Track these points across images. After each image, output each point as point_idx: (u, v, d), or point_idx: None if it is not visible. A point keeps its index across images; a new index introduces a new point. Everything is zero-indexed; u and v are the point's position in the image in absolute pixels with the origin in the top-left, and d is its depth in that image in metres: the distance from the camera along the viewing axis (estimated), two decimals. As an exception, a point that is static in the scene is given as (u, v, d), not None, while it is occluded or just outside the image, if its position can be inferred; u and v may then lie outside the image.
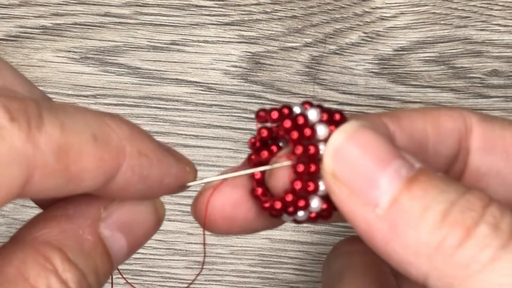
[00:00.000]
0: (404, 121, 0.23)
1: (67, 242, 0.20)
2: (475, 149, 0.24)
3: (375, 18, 0.38)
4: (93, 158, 0.18)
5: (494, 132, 0.24)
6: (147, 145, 0.20)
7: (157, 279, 0.37)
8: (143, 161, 0.19)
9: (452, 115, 0.24)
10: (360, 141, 0.20)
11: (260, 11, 0.38)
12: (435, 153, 0.23)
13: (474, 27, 0.38)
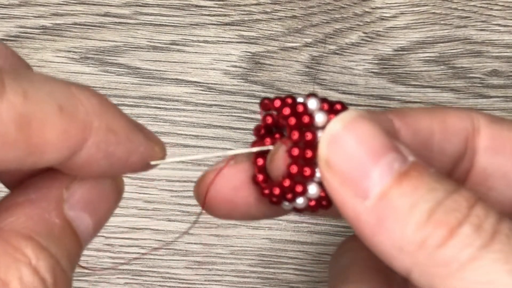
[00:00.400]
0: (410, 118, 0.23)
1: (36, 228, 0.19)
2: (482, 149, 0.24)
3: (375, 18, 0.38)
4: (57, 130, 0.17)
5: (502, 134, 0.24)
6: (116, 120, 0.19)
7: (157, 279, 0.37)
8: (110, 138, 0.18)
9: (459, 115, 0.24)
10: (356, 131, 0.20)
11: (260, 11, 0.38)
12: (441, 151, 0.23)
13: (474, 27, 0.38)
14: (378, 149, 0.19)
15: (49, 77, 0.18)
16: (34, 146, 0.17)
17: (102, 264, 0.37)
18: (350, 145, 0.19)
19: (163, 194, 0.37)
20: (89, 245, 0.37)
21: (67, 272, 0.20)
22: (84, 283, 0.37)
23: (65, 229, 0.20)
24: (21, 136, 0.17)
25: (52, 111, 0.17)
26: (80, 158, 0.18)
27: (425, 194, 0.19)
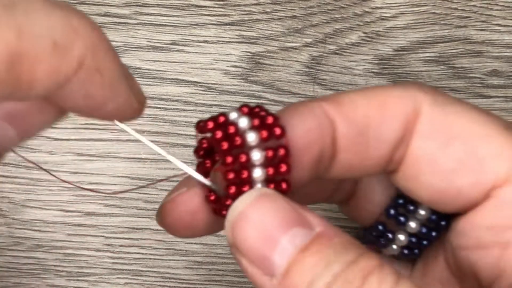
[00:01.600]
0: (346, 106, 0.23)
1: None
2: (417, 134, 0.23)
3: (375, 18, 0.38)
4: (48, 68, 0.16)
5: (442, 118, 0.23)
6: (107, 63, 0.18)
7: (157, 279, 0.37)
8: (96, 79, 0.18)
9: (401, 97, 0.23)
10: (256, 212, 0.20)
11: (260, 11, 0.38)
12: (377, 138, 0.23)
13: (474, 27, 0.38)
14: (280, 227, 0.20)
15: (49, 6, 0.17)
16: (22, 84, 0.16)
17: (102, 265, 0.37)
18: (252, 227, 0.20)
19: (163, 194, 0.37)
20: (89, 245, 0.37)
21: None
22: (85, 283, 0.37)
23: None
24: (10, 76, 0.16)
25: (46, 48, 0.16)
26: (59, 93, 0.17)
27: (323, 270, 0.19)
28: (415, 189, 0.24)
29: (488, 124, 0.23)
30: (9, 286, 0.37)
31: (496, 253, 0.23)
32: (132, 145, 0.37)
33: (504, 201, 0.23)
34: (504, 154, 0.23)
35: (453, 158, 0.23)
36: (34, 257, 0.37)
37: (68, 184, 0.37)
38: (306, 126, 0.23)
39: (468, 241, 0.23)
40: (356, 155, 0.23)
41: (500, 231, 0.23)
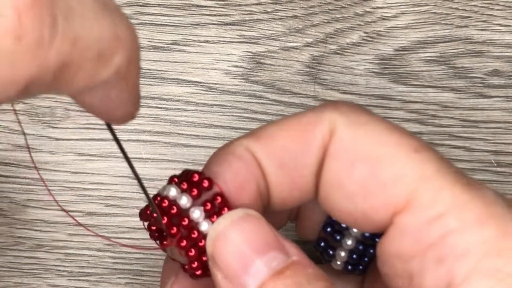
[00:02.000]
0: (264, 141, 0.23)
1: None
2: (328, 156, 0.23)
3: (376, 18, 0.38)
4: (87, 74, 0.17)
5: (351, 139, 0.23)
6: (135, 73, 0.18)
7: (158, 279, 0.37)
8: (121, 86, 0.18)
9: (316, 122, 0.23)
10: (241, 229, 0.21)
11: (261, 11, 0.38)
12: (299, 167, 0.23)
13: (475, 27, 0.38)
14: (259, 247, 0.20)
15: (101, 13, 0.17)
16: (59, 84, 0.16)
17: (103, 264, 0.37)
18: (232, 242, 0.21)
19: (164, 194, 0.37)
20: (90, 246, 0.37)
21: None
22: (86, 283, 0.37)
23: None
24: (54, 82, 0.16)
25: (92, 59, 0.16)
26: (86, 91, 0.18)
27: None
28: (331, 211, 0.24)
29: (397, 145, 0.22)
30: (10, 286, 0.37)
31: (405, 284, 0.22)
32: (133, 145, 0.37)
33: (404, 228, 0.22)
34: (406, 177, 0.22)
35: (357, 181, 0.22)
36: (35, 257, 0.37)
37: (68, 184, 0.37)
38: (234, 170, 0.23)
39: (386, 269, 0.22)
40: (283, 186, 0.24)
41: (405, 260, 0.22)
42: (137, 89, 0.19)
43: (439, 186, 0.21)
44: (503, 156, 0.37)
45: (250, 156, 0.23)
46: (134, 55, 0.18)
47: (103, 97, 0.18)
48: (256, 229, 0.21)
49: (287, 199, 0.24)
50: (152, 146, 0.37)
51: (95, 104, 0.19)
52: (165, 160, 0.37)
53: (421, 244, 0.21)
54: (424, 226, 0.21)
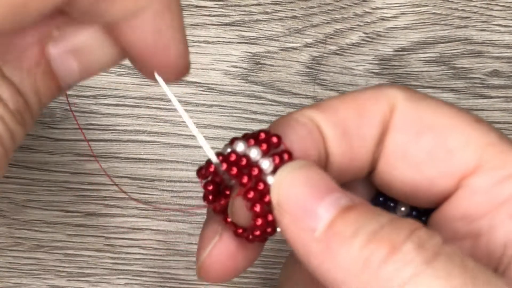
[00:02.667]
0: (327, 112, 0.24)
1: (6, 56, 0.19)
2: (391, 128, 0.24)
3: (376, 18, 0.38)
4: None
5: (414, 112, 0.24)
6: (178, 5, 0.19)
7: (157, 279, 0.37)
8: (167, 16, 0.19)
9: (377, 97, 0.24)
10: (304, 175, 0.21)
11: (261, 12, 0.38)
12: (360, 138, 0.24)
13: (475, 28, 0.38)
14: (324, 188, 0.21)
15: None
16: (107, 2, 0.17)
17: (103, 265, 0.37)
18: (298, 187, 0.21)
19: (163, 195, 0.37)
20: (90, 246, 0.37)
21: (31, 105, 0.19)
22: (85, 283, 0.37)
23: (39, 64, 0.19)
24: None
25: None
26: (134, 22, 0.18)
27: (369, 220, 0.20)
28: (390, 184, 0.25)
29: (458, 116, 0.24)
30: (10, 286, 0.37)
31: (469, 244, 0.23)
32: (133, 145, 0.37)
33: (473, 190, 0.23)
34: (472, 144, 0.23)
35: (423, 149, 0.24)
36: (35, 258, 0.37)
37: (67, 185, 0.37)
38: (299, 134, 0.24)
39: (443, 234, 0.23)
40: (344, 156, 0.24)
41: (471, 220, 0.23)
42: (183, 30, 0.20)
43: (506, 150, 0.23)
44: (503, 157, 0.37)
45: (313, 125, 0.24)
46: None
47: (154, 30, 0.19)
48: (319, 176, 0.21)
49: (345, 170, 0.25)
50: (152, 147, 0.37)
51: (148, 40, 0.19)
52: (164, 161, 0.37)
53: (492, 202, 0.23)
54: (496, 186, 0.23)
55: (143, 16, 0.19)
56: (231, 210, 0.23)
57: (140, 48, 0.20)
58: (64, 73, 0.20)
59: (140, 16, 0.18)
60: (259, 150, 0.22)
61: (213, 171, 0.23)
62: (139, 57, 0.20)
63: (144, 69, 0.21)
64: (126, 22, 0.19)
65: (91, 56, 0.20)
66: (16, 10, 0.16)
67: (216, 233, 0.24)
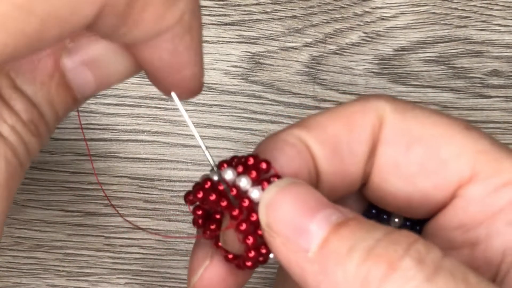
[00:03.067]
0: (315, 130, 0.23)
1: (19, 68, 0.19)
2: (381, 141, 0.24)
3: (375, 18, 0.38)
4: (156, 13, 0.17)
5: (403, 123, 0.23)
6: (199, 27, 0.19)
7: (157, 279, 0.37)
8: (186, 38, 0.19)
9: (364, 110, 0.24)
10: (292, 193, 0.20)
11: (260, 11, 0.38)
12: (350, 153, 0.23)
13: (474, 27, 0.38)
14: (314, 205, 0.20)
15: None
16: (130, 20, 0.17)
17: (102, 265, 0.37)
18: (286, 205, 0.20)
19: (163, 194, 0.37)
20: (89, 245, 0.37)
21: (46, 117, 0.19)
22: (85, 283, 0.37)
23: (53, 76, 0.19)
24: (126, 11, 0.17)
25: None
26: (154, 41, 0.18)
27: (363, 235, 0.19)
28: (384, 198, 0.24)
29: (448, 125, 0.23)
30: (9, 286, 0.37)
31: (466, 253, 0.23)
32: (132, 145, 0.37)
33: (470, 198, 0.23)
34: (465, 153, 0.23)
35: (415, 162, 0.23)
36: (34, 257, 0.37)
37: (67, 184, 0.37)
38: (289, 156, 0.23)
39: (439, 244, 0.23)
40: (336, 173, 0.24)
41: (468, 229, 0.23)
42: (200, 51, 0.20)
43: (499, 157, 0.23)
44: (503, 156, 0.37)
45: (302, 145, 0.23)
46: (197, 8, 0.19)
47: (172, 50, 0.19)
48: (308, 192, 0.20)
49: (337, 187, 0.24)
50: (152, 146, 0.37)
51: (165, 59, 0.19)
52: (164, 160, 0.37)
53: (488, 211, 0.22)
54: (491, 194, 0.22)
55: (163, 37, 0.18)
56: (222, 239, 0.23)
57: (156, 66, 0.20)
58: (79, 85, 0.20)
59: (160, 37, 0.18)
60: (248, 178, 0.22)
61: (201, 198, 0.22)
62: (155, 74, 0.20)
63: (159, 85, 0.21)
64: (146, 42, 0.19)
65: (106, 68, 0.20)
66: (32, 39, 0.16)
67: (206, 256, 0.24)
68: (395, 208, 0.25)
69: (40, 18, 0.15)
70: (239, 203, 0.21)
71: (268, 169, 0.22)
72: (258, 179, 0.22)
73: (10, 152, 0.18)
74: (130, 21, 0.17)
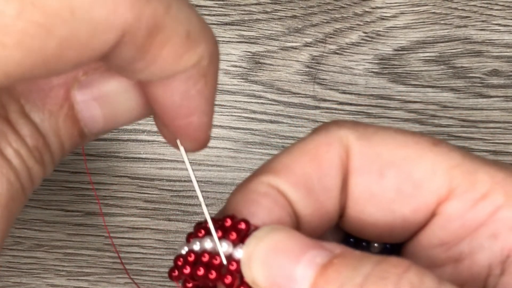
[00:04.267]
0: (285, 174, 0.23)
1: (29, 94, 0.18)
2: (352, 172, 0.23)
3: (375, 18, 0.38)
4: (174, 52, 0.17)
5: (370, 150, 0.23)
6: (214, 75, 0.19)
7: (157, 278, 0.37)
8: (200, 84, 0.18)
9: (328, 142, 0.23)
10: (270, 243, 0.20)
11: (260, 11, 0.38)
12: (324, 190, 0.23)
13: (474, 27, 0.38)
14: (297, 250, 0.19)
15: (189, 3, 0.18)
16: (148, 54, 0.17)
17: (102, 264, 0.37)
18: (268, 257, 0.20)
19: (163, 194, 0.37)
20: (89, 245, 0.37)
21: (51, 146, 0.19)
22: (85, 282, 0.37)
23: (62, 107, 0.19)
24: (145, 44, 0.17)
25: (181, 33, 0.17)
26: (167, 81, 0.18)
27: (351, 273, 0.18)
28: (362, 228, 0.24)
29: (416, 144, 0.23)
30: (9, 285, 0.37)
31: (449, 270, 0.22)
32: (132, 145, 0.37)
33: (450, 215, 0.22)
34: (439, 170, 0.22)
35: (390, 188, 0.22)
36: (34, 257, 0.37)
37: (67, 184, 0.37)
38: (265, 209, 0.22)
39: (421, 263, 0.22)
40: (314, 213, 0.23)
41: (450, 247, 0.22)
42: (212, 101, 0.19)
43: (472, 170, 0.22)
44: (502, 156, 0.37)
45: (275, 192, 0.22)
46: (215, 54, 0.19)
47: (184, 93, 0.18)
48: (288, 237, 0.20)
49: (317, 226, 0.23)
50: (151, 146, 0.37)
51: (175, 102, 0.19)
52: (164, 160, 0.37)
53: (470, 226, 0.22)
54: (470, 209, 0.22)
55: (177, 77, 0.18)
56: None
57: (166, 106, 0.19)
58: (87, 119, 0.20)
59: (174, 77, 0.18)
60: (229, 242, 0.21)
61: (188, 273, 0.22)
62: (163, 115, 0.20)
63: (165, 130, 0.20)
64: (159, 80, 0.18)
65: (116, 106, 0.20)
66: (49, 60, 0.16)
67: None
68: (374, 236, 0.24)
69: (59, 39, 0.15)
70: (227, 269, 0.21)
71: (247, 229, 0.21)
72: (239, 240, 0.21)
73: (12, 174, 0.18)
74: (148, 56, 0.17)
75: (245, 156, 0.37)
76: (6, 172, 0.18)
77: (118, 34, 0.16)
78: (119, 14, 0.16)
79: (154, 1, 0.16)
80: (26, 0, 0.15)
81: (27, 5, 0.15)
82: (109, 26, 0.16)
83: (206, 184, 0.37)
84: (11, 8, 0.14)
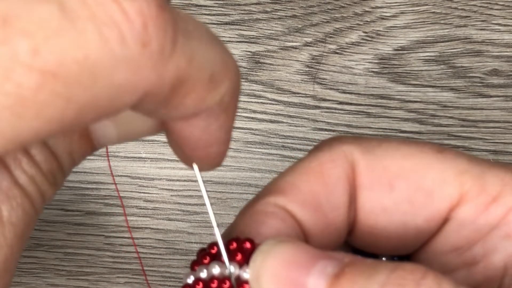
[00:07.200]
0: (291, 192, 0.23)
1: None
2: (360, 187, 0.23)
3: (375, 17, 0.38)
4: (198, 97, 0.17)
5: (376, 164, 0.23)
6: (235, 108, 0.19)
7: (157, 278, 0.37)
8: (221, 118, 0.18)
9: (333, 159, 0.23)
10: (277, 256, 0.19)
11: (260, 11, 0.38)
12: (332, 208, 0.23)
13: (474, 27, 0.38)
14: (306, 261, 0.19)
15: (213, 37, 0.17)
16: (170, 104, 0.17)
17: (102, 264, 0.37)
18: (276, 270, 0.19)
19: (163, 194, 0.37)
20: (89, 244, 0.37)
21: (64, 166, 0.19)
22: (85, 282, 0.37)
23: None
24: (169, 98, 0.16)
25: (204, 79, 0.17)
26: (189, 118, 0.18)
27: (366, 282, 0.18)
28: (374, 242, 0.23)
29: (422, 153, 0.23)
30: (9, 285, 0.37)
31: (463, 274, 0.23)
32: (132, 144, 0.37)
33: (461, 222, 0.22)
34: (448, 178, 0.22)
35: (402, 200, 0.22)
36: (34, 256, 0.37)
37: (67, 184, 0.37)
38: (274, 228, 0.22)
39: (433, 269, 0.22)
40: (323, 231, 0.23)
41: (464, 250, 0.23)
42: (231, 130, 0.19)
43: (481, 174, 0.22)
44: (502, 156, 0.38)
45: (283, 212, 0.22)
46: (237, 87, 0.18)
47: (205, 127, 0.18)
48: (295, 249, 0.19)
49: (326, 244, 0.23)
50: (151, 146, 0.37)
51: (196, 135, 0.19)
52: (164, 160, 0.37)
53: (483, 229, 0.22)
54: (482, 213, 0.22)
55: (199, 115, 0.18)
56: None
57: (185, 139, 0.19)
58: (100, 138, 0.20)
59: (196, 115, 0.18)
60: (235, 264, 0.21)
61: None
62: (181, 146, 0.20)
63: (182, 155, 0.20)
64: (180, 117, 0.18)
65: (130, 125, 0.20)
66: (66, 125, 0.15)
67: None
68: (386, 249, 0.24)
69: (78, 106, 0.15)
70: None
71: (253, 248, 0.21)
72: (245, 260, 0.21)
73: (28, 202, 0.18)
74: (171, 105, 0.17)
75: (245, 155, 0.37)
76: (22, 202, 0.18)
77: (139, 97, 0.16)
78: (141, 75, 0.15)
79: (177, 55, 0.16)
80: (47, 72, 0.14)
81: (48, 78, 0.14)
82: (131, 88, 0.15)
83: (206, 183, 0.37)
84: (32, 81, 0.14)
